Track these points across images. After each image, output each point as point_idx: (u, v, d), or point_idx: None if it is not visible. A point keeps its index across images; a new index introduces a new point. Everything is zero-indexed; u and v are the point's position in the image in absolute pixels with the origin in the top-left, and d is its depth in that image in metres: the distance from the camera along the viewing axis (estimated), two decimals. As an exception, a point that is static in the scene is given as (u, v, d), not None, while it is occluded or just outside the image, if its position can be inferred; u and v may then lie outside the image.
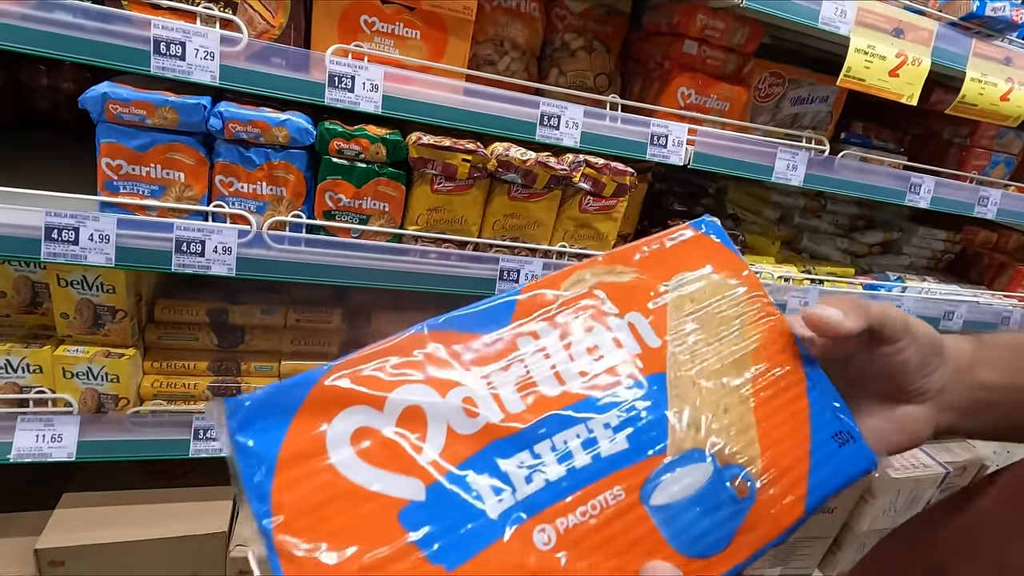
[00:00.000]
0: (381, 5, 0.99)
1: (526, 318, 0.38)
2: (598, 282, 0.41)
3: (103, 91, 0.84)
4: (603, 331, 0.39)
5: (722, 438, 0.38)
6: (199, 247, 0.95)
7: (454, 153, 1.01)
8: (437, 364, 0.36)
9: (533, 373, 0.37)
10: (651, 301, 0.42)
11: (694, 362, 0.40)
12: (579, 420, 0.36)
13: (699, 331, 0.41)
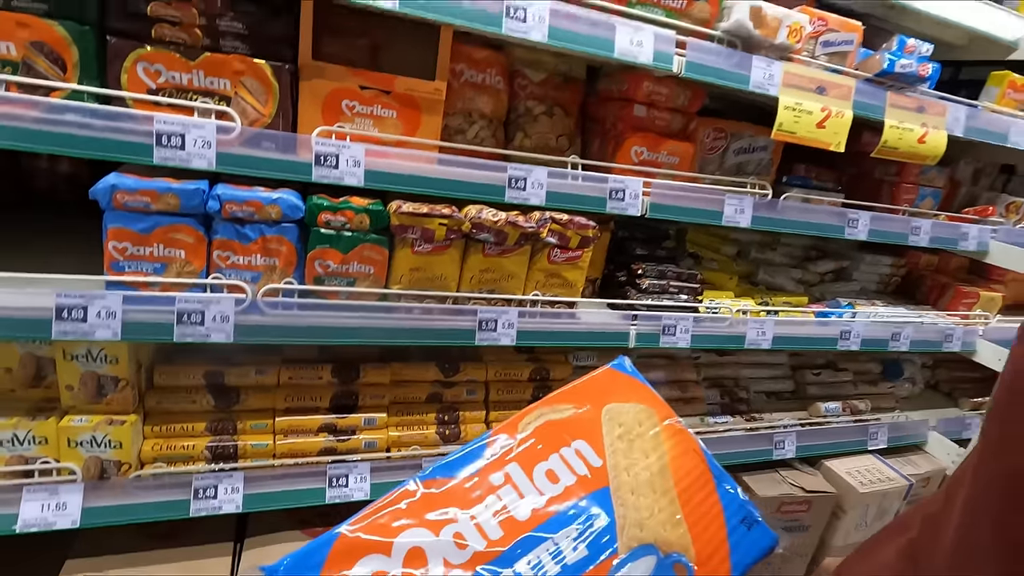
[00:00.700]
0: (360, 90, 1.11)
1: (495, 459, 0.48)
2: (546, 421, 0.51)
3: (112, 183, 0.93)
4: (557, 459, 0.49)
5: (660, 533, 0.47)
6: (199, 317, 1.02)
7: (432, 218, 1.11)
8: (429, 508, 0.44)
9: (507, 504, 0.46)
10: (590, 429, 0.52)
11: (629, 474, 0.50)
12: (546, 537, 0.45)
13: (628, 449, 0.51)
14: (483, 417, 1.43)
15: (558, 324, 1.33)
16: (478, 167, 1.18)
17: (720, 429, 1.72)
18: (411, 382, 1.38)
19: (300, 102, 1.08)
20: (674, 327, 1.44)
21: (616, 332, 1.39)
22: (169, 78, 0.98)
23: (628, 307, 1.43)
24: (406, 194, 1.15)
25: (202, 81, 1.00)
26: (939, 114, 1.54)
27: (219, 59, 0.99)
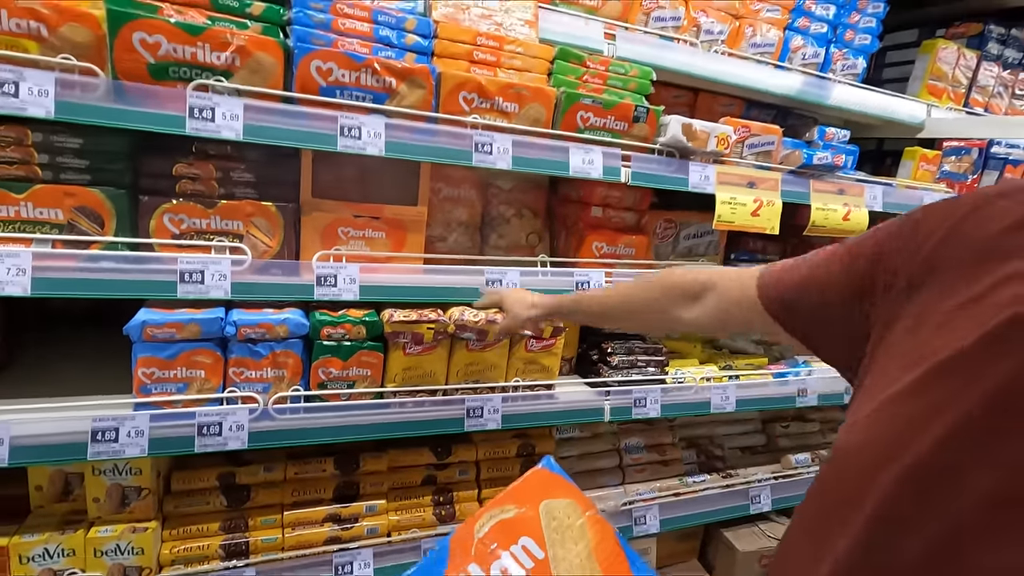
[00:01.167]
0: (353, 218, 1.29)
1: (458, 561, 0.58)
2: (497, 522, 0.62)
3: (143, 320, 1.08)
4: (508, 556, 0.60)
5: None
6: (217, 428, 1.15)
7: (421, 324, 1.27)
8: None
9: None
10: (532, 526, 0.63)
11: (566, 561, 0.62)
12: None
13: (562, 540, 0.64)
14: (476, 495, 1.54)
15: (539, 405, 1.47)
16: (459, 273, 1.35)
17: (698, 488, 1.84)
18: (407, 467, 1.50)
19: (302, 233, 1.25)
20: (644, 399, 1.59)
21: (592, 408, 1.53)
22: (190, 224, 1.15)
23: (602, 384, 1.58)
24: (397, 303, 1.31)
25: (218, 224, 1.17)
26: (858, 194, 1.76)
27: (233, 205, 1.16)
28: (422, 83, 1.21)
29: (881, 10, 1.86)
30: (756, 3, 1.67)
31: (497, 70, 1.33)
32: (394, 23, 1.21)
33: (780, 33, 1.72)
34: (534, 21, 1.38)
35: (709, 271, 0.86)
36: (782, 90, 1.73)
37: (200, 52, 1.05)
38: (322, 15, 1.16)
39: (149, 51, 1.02)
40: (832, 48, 1.82)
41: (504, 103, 1.30)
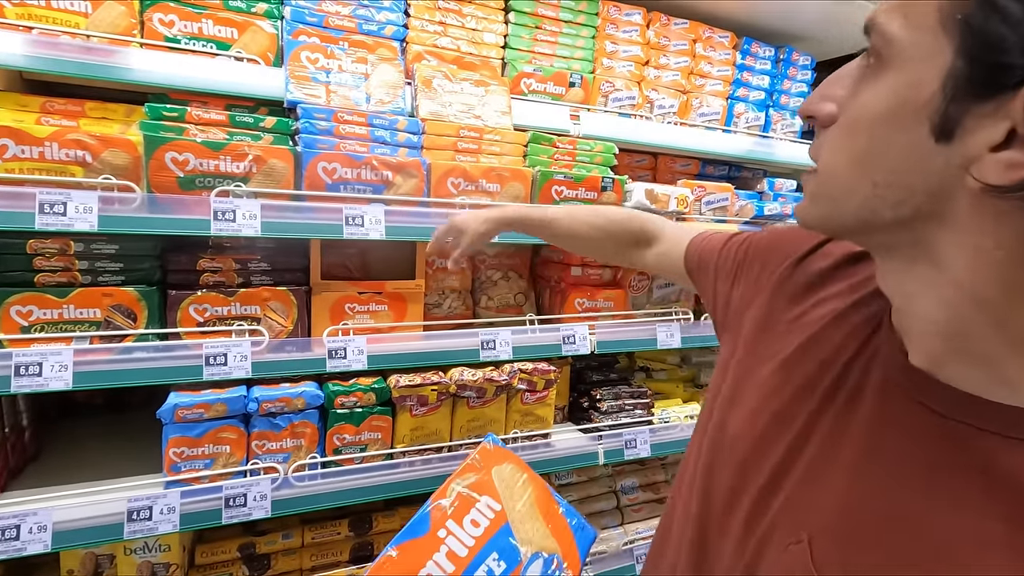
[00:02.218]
0: (358, 295, 1.43)
1: (438, 520, 0.74)
2: (461, 488, 0.78)
3: (174, 403, 1.18)
4: (475, 511, 0.76)
5: (541, 544, 0.76)
6: (243, 499, 1.24)
7: (425, 387, 1.39)
8: (407, 561, 0.69)
9: (453, 548, 0.71)
10: (488, 487, 0.79)
11: (516, 511, 0.78)
12: (482, 561, 0.71)
13: (511, 496, 0.80)
14: (484, 546, 1.62)
15: (537, 454, 1.58)
16: (456, 336, 1.49)
17: (694, 522, 1.93)
18: (417, 524, 1.58)
19: (313, 311, 1.38)
20: (635, 440, 1.71)
21: (587, 452, 1.64)
22: (213, 312, 1.27)
23: (594, 429, 1.70)
24: (402, 368, 1.44)
25: (238, 310, 1.29)
26: (808, 237, 1.96)
27: (251, 292, 1.30)
28: (414, 173, 1.38)
29: (809, 76, 2.12)
30: (699, 79, 1.90)
31: (479, 156, 1.51)
32: (387, 125, 1.39)
33: (723, 102, 1.96)
34: (508, 111, 1.58)
35: (657, 222, 1.01)
36: (732, 151, 1.94)
37: (222, 164, 1.21)
38: (325, 123, 1.33)
39: (179, 167, 1.17)
40: (771, 111, 2.06)
41: (487, 184, 1.47)
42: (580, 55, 1.73)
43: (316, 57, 1.38)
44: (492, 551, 0.68)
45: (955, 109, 0.38)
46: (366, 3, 1.46)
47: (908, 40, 0.40)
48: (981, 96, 0.37)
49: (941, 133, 0.39)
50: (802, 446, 0.55)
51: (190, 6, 1.28)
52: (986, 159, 0.37)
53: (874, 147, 0.43)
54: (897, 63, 0.41)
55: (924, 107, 0.39)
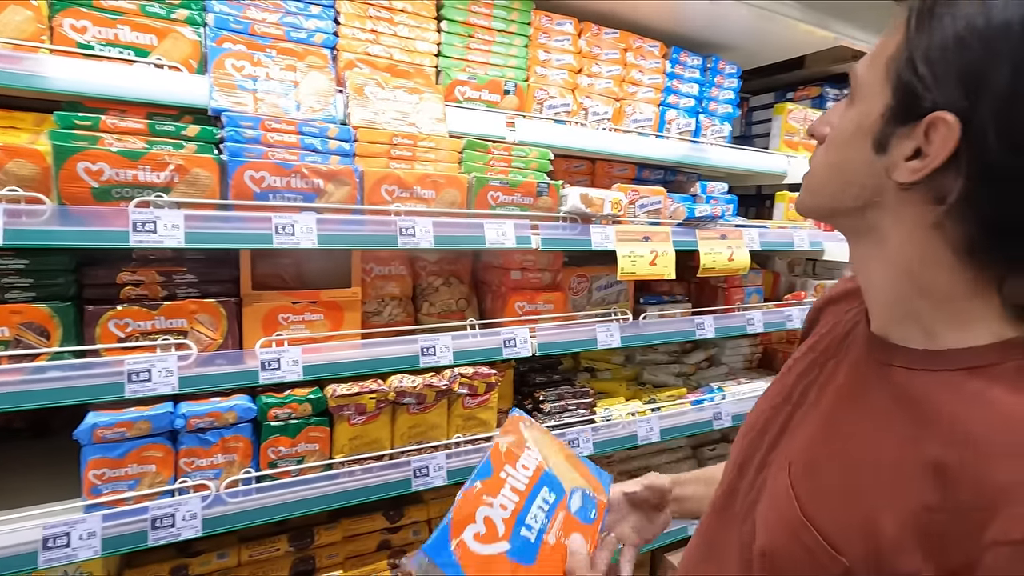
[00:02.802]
0: (292, 304, 1.41)
1: (498, 465, 0.84)
2: (507, 443, 0.88)
3: (93, 423, 1.13)
4: (522, 459, 0.86)
5: (576, 482, 0.89)
6: (171, 520, 1.20)
7: (363, 395, 1.38)
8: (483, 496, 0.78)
9: (514, 485, 0.82)
10: (526, 443, 0.90)
11: (552, 460, 0.90)
12: (537, 493, 0.82)
13: (545, 449, 0.91)
14: (430, 553, 1.62)
15: (481, 458, 1.59)
16: (395, 343, 1.48)
17: (639, 517, 1.98)
18: (361, 535, 1.56)
19: (244, 323, 1.35)
20: (577, 439, 1.74)
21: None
22: (136, 327, 1.23)
23: (537, 430, 1.72)
24: (340, 378, 1.42)
25: (163, 324, 1.25)
26: (738, 237, 2.05)
27: (176, 305, 1.26)
28: (347, 181, 1.37)
29: (736, 84, 2.22)
30: (631, 87, 1.97)
31: (414, 163, 1.51)
32: (318, 132, 1.38)
33: (656, 109, 2.03)
34: (443, 118, 1.59)
35: None
36: (666, 156, 2.02)
37: (141, 173, 1.17)
38: (252, 131, 1.31)
39: (93, 177, 1.13)
40: (701, 117, 2.15)
41: (422, 191, 1.48)
42: (514, 63, 1.77)
43: (242, 65, 1.36)
44: (543, 486, 0.83)
45: (887, 131, 0.56)
46: (294, 11, 1.45)
47: (867, 80, 0.58)
48: (902, 123, 0.54)
49: (878, 147, 0.57)
50: (797, 406, 0.72)
51: (104, 12, 1.24)
52: (900, 166, 0.55)
53: (841, 156, 0.61)
54: (859, 97, 0.59)
55: (870, 129, 0.57)
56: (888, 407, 0.59)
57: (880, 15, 1.97)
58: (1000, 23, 0.48)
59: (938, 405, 0.55)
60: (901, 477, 0.54)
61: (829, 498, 0.60)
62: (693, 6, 1.87)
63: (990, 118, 0.49)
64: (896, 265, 0.59)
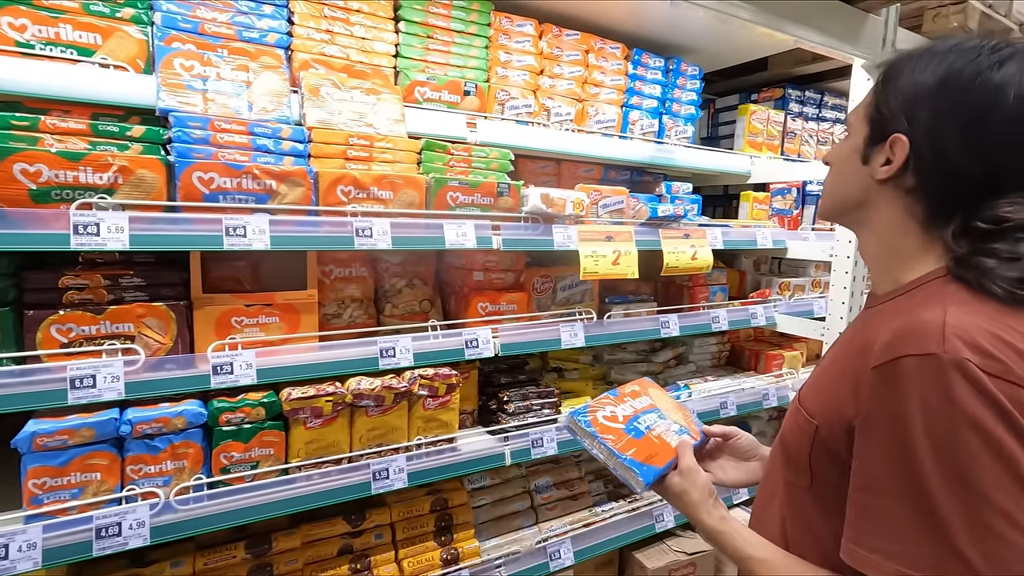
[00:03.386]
0: (246, 307, 1.38)
1: (623, 393, 1.17)
2: (630, 390, 1.16)
3: (32, 431, 1.10)
4: (639, 399, 1.12)
5: (680, 421, 1.11)
6: (116, 528, 1.17)
7: (319, 398, 1.37)
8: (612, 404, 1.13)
9: (633, 405, 1.11)
10: (646, 395, 1.16)
11: (663, 404, 1.13)
12: (646, 413, 1.13)
13: (658, 398, 1.16)
14: (392, 557, 1.60)
15: (443, 459, 1.58)
16: (353, 346, 1.47)
17: (607, 516, 1.99)
18: (321, 540, 1.54)
19: (195, 327, 1.33)
20: (541, 439, 1.74)
21: (493, 454, 1.66)
22: (79, 332, 1.20)
23: (500, 431, 1.72)
24: (296, 381, 1.40)
25: (108, 328, 1.23)
26: (701, 236, 2.07)
27: (123, 309, 1.23)
28: (300, 182, 1.36)
29: (698, 86, 2.25)
30: (594, 88, 1.98)
31: (371, 164, 1.50)
32: (270, 133, 1.36)
33: (619, 110, 2.05)
34: (401, 119, 1.59)
35: None
36: (631, 156, 2.03)
37: (82, 175, 1.14)
38: (201, 131, 1.29)
39: (30, 179, 1.10)
40: (664, 118, 2.17)
41: (379, 191, 1.47)
42: (474, 64, 1.77)
43: (191, 64, 1.34)
44: (652, 412, 1.11)
45: (868, 150, 0.84)
46: (245, 10, 1.43)
47: (855, 122, 0.88)
48: (876, 143, 0.83)
49: (864, 161, 0.85)
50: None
51: (45, 10, 1.22)
52: (878, 170, 0.82)
53: (841, 170, 0.91)
54: (850, 133, 0.89)
55: (857, 151, 0.86)
56: (857, 330, 0.86)
57: (834, 19, 2.01)
58: (924, 83, 0.78)
59: (881, 318, 0.79)
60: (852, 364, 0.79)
61: (814, 389, 0.87)
62: (652, 7, 1.89)
63: (922, 136, 0.78)
64: (881, 239, 0.86)
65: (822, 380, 0.87)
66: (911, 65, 0.80)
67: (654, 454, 1.02)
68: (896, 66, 0.82)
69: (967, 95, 0.74)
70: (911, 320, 0.70)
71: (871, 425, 0.71)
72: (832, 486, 0.80)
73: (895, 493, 0.67)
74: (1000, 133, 0.73)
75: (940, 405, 0.64)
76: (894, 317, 0.75)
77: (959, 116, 0.74)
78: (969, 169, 0.75)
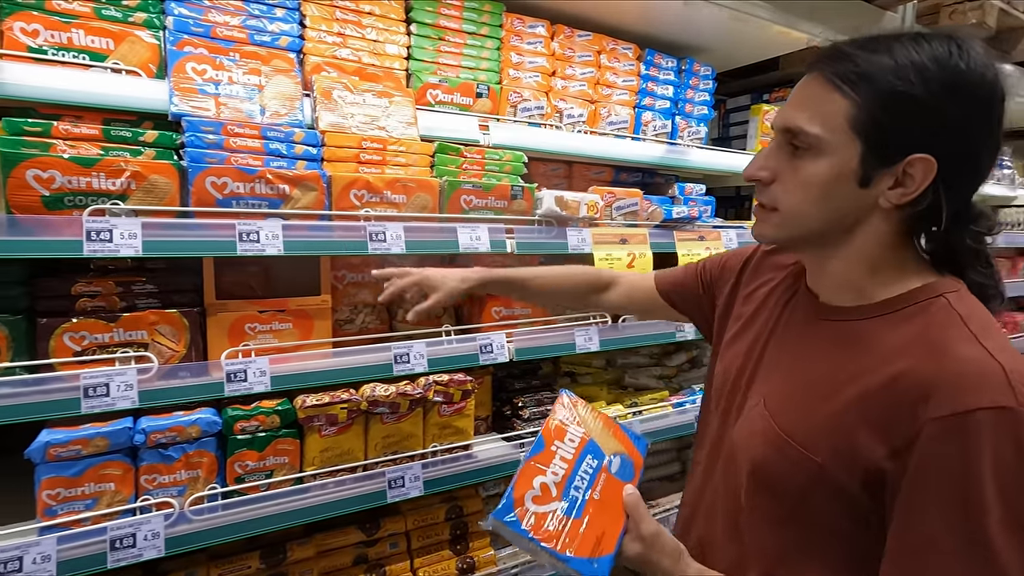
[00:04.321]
0: (259, 313, 1.37)
1: (549, 440, 0.93)
2: (556, 421, 0.97)
3: (45, 440, 1.09)
4: (569, 434, 0.95)
5: (615, 449, 0.97)
6: (131, 539, 1.15)
7: (333, 405, 1.35)
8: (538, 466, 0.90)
9: (563, 455, 0.92)
10: (575, 420, 0.99)
11: (595, 432, 0.97)
12: (583, 460, 0.92)
13: (588, 423, 0.99)
14: (408, 567, 1.58)
15: (458, 467, 1.56)
16: (367, 352, 1.45)
17: (623, 523, 1.95)
18: (336, 549, 1.52)
19: (208, 333, 1.31)
20: (557, 445, 1.71)
21: (509, 461, 1.63)
22: (92, 340, 1.19)
23: (516, 437, 1.69)
24: (310, 388, 1.38)
25: (122, 336, 1.21)
26: (716, 238, 2.04)
27: (136, 317, 1.22)
28: (313, 186, 1.34)
29: (711, 86, 2.22)
30: (606, 89, 1.96)
31: (384, 168, 1.49)
32: (283, 137, 1.35)
33: (631, 111, 2.02)
34: (414, 122, 1.57)
35: (613, 272, 1.34)
36: (643, 157, 2.01)
37: (95, 180, 1.13)
38: (214, 136, 1.27)
39: (43, 185, 1.09)
40: (677, 119, 2.15)
41: (392, 195, 1.45)
42: (486, 66, 1.75)
43: (204, 68, 1.33)
44: (587, 454, 0.95)
45: (869, 172, 0.72)
46: (257, 14, 1.42)
47: (830, 139, 0.72)
48: (882, 167, 0.71)
49: (862, 184, 0.72)
50: (759, 362, 0.90)
51: (57, 15, 1.20)
52: (888, 193, 0.72)
53: (825, 194, 0.74)
54: (827, 152, 0.73)
55: (852, 173, 0.72)
56: (832, 347, 0.79)
57: (850, 16, 1.98)
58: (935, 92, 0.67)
59: (880, 339, 0.74)
60: (855, 389, 0.72)
61: (800, 416, 0.78)
62: (665, 7, 1.86)
63: (952, 151, 0.68)
64: (858, 256, 0.78)
65: (807, 405, 0.77)
66: (894, 71, 0.68)
67: (602, 532, 0.86)
68: (876, 72, 0.69)
69: (978, 93, 0.68)
70: (961, 361, 0.65)
71: (928, 479, 0.64)
72: (840, 537, 0.74)
73: (957, 552, 0.62)
74: (999, 122, 0.70)
75: (1016, 460, 0.61)
76: (915, 346, 0.69)
77: (982, 121, 0.68)
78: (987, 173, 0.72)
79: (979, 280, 0.76)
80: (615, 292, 1.31)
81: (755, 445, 0.81)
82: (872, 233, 0.75)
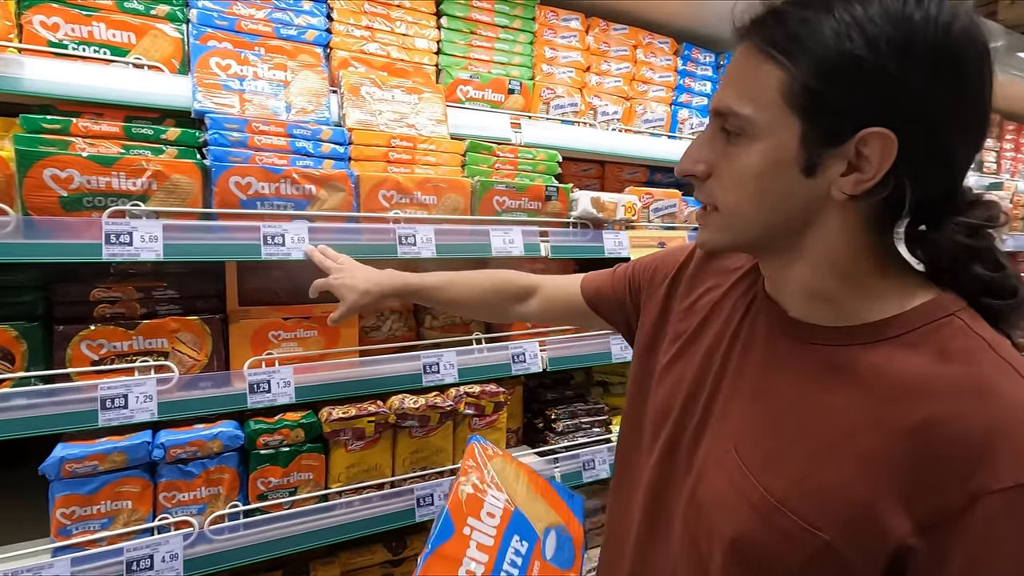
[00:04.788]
0: (284, 321, 1.30)
1: (460, 520, 0.76)
2: (469, 485, 0.80)
3: (60, 456, 1.02)
4: (487, 505, 0.79)
5: (548, 520, 0.81)
6: (148, 561, 1.08)
7: (361, 418, 1.27)
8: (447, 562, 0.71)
9: (481, 541, 0.73)
10: (490, 482, 0.82)
11: (520, 497, 0.82)
12: (508, 545, 0.75)
13: (510, 485, 0.83)
14: (436, 588, 1.49)
15: (489, 483, 1.47)
16: (395, 361, 1.37)
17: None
18: (361, 569, 1.44)
19: (231, 341, 1.25)
20: (593, 460, 1.62)
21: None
22: (111, 348, 1.12)
23: (550, 452, 1.60)
24: (335, 399, 1.31)
25: (141, 344, 1.15)
26: (758, 242, 1.94)
27: (156, 324, 1.15)
28: (341, 186, 1.27)
29: (750, 82, 2.12)
30: (642, 85, 1.87)
31: (413, 167, 1.41)
32: (310, 135, 1.28)
33: (667, 108, 1.93)
34: (444, 119, 1.49)
35: (532, 277, 1.16)
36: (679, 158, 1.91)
37: (115, 180, 1.07)
38: (238, 134, 1.21)
39: (61, 185, 1.03)
40: (715, 117, 2.05)
41: (423, 196, 1.38)
42: (518, 61, 1.67)
43: (228, 63, 1.26)
44: (513, 534, 0.76)
45: (815, 156, 0.57)
46: (283, 7, 1.35)
47: (762, 119, 0.58)
48: (828, 147, 0.56)
49: (808, 171, 0.58)
50: (714, 392, 0.72)
51: (77, 8, 1.15)
52: (840, 181, 0.57)
53: (763, 189, 0.60)
54: (761, 135, 0.59)
55: (793, 159, 0.58)
56: (818, 380, 0.62)
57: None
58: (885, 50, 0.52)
59: (886, 372, 0.58)
60: (866, 442, 0.56)
61: (791, 475, 0.60)
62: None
63: (914, 122, 0.54)
64: (822, 260, 0.62)
65: (799, 459, 0.60)
66: (833, 30, 0.54)
67: None
68: (811, 34, 0.55)
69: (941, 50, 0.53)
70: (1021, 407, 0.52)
71: (991, 559, 0.50)
72: None
73: None
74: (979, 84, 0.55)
75: None
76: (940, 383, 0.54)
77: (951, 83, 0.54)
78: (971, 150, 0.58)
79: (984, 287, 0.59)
80: (535, 302, 1.13)
81: (735, 511, 0.63)
82: (831, 233, 0.60)
